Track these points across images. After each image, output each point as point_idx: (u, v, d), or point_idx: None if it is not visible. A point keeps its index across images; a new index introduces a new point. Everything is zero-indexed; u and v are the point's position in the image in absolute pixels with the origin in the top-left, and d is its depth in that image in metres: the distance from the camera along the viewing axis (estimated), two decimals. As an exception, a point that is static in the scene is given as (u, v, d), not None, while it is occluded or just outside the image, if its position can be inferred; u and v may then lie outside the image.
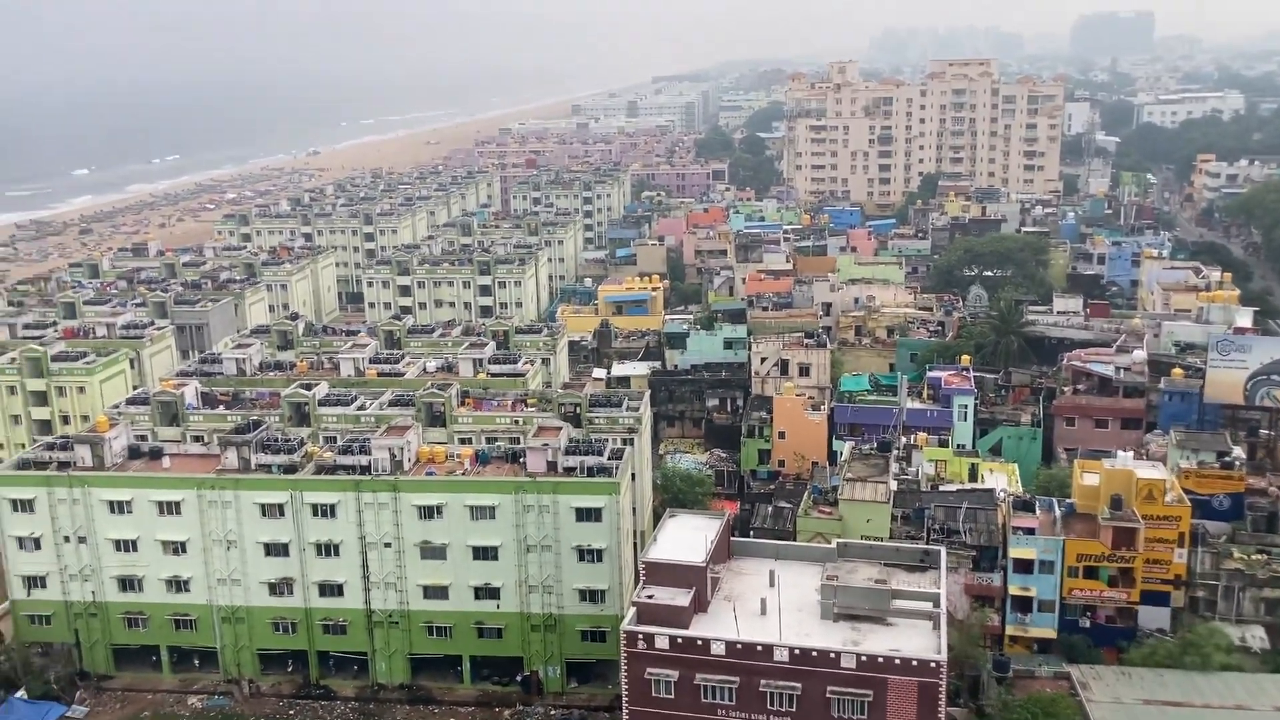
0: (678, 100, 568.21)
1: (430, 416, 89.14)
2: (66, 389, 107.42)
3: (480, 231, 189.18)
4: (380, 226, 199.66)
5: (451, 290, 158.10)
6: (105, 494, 79.19)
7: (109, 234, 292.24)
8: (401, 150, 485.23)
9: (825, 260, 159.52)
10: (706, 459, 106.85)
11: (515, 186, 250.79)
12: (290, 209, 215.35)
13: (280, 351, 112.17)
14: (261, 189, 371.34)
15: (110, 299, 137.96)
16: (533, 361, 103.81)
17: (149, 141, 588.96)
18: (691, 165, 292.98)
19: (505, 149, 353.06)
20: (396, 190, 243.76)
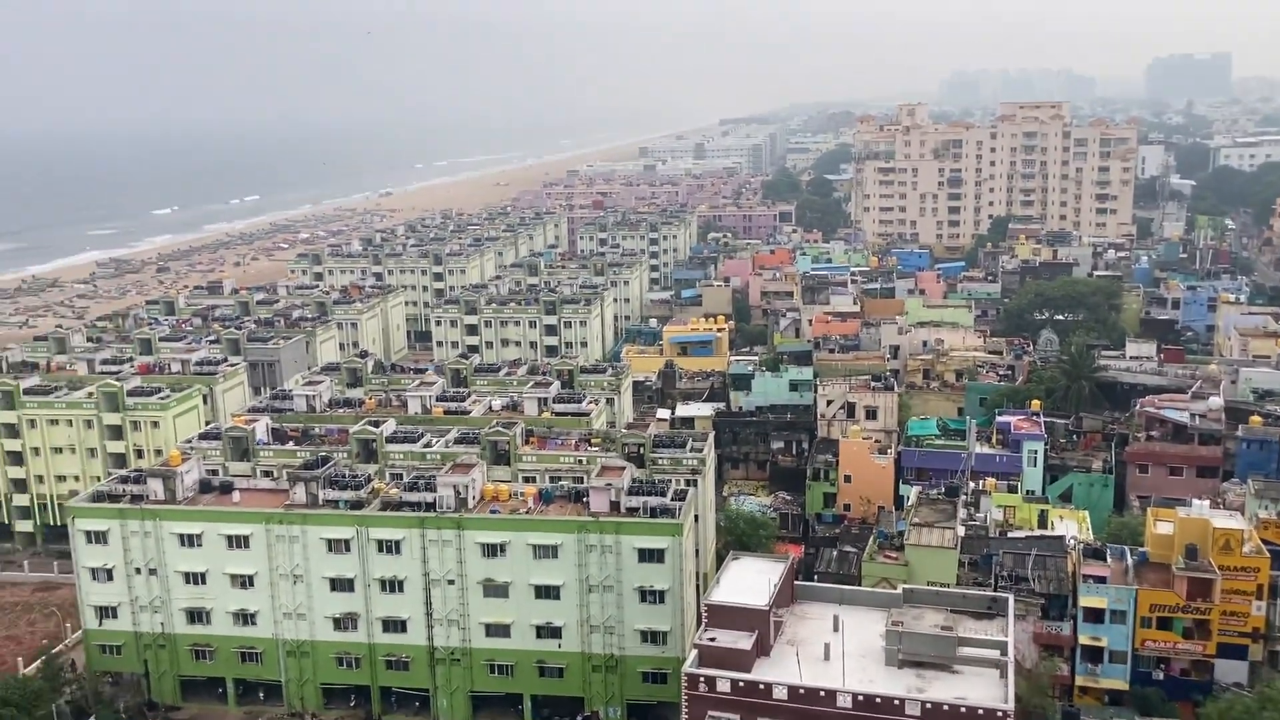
0: (745, 142, 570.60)
1: (495, 454, 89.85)
2: (141, 423, 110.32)
3: (547, 272, 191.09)
4: (449, 266, 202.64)
5: (518, 329, 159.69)
6: (176, 527, 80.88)
7: (185, 272, 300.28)
8: (471, 192, 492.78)
9: (893, 303, 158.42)
10: (771, 502, 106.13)
11: (582, 227, 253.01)
12: (362, 249, 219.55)
13: (349, 389, 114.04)
14: (334, 229, 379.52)
15: (185, 335, 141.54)
16: (597, 401, 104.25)
17: (230, 183, 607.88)
18: (758, 207, 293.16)
19: (573, 190, 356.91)
20: (465, 231, 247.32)
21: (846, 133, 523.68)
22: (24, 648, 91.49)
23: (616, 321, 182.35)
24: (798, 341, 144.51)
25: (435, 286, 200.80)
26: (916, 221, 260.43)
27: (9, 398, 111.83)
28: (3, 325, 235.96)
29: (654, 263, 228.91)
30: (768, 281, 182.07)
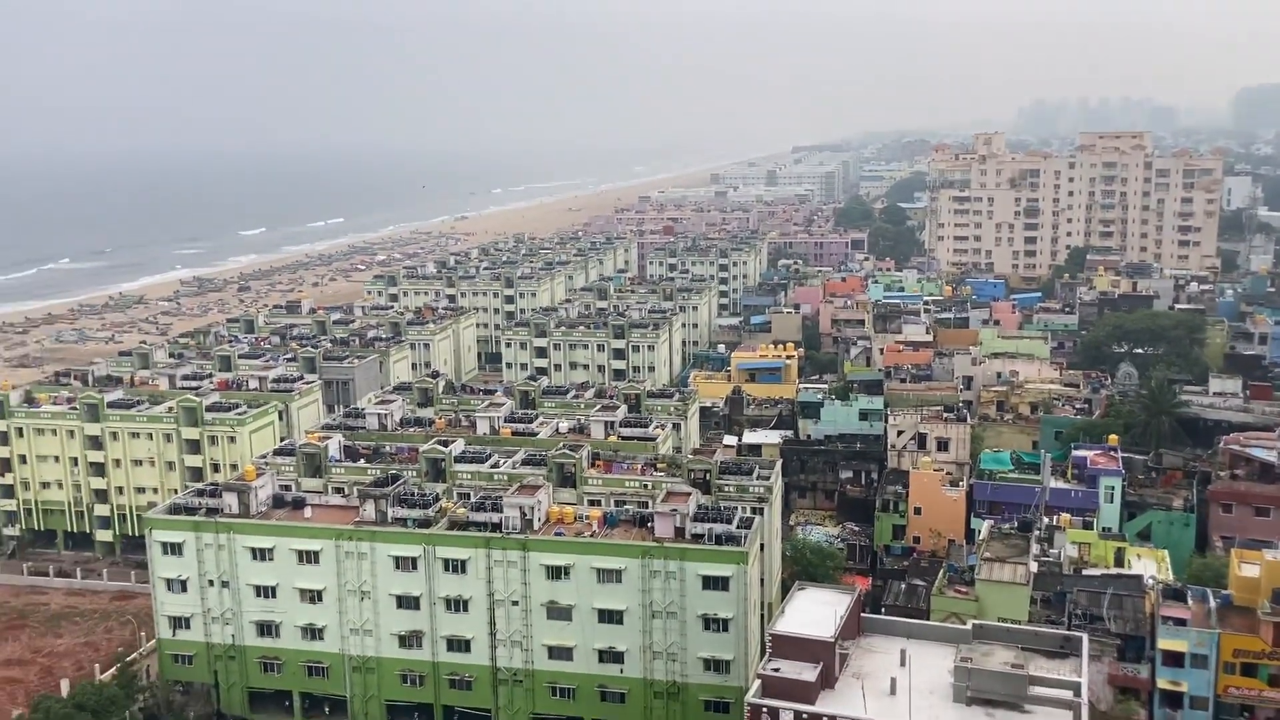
0: (817, 170, 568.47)
1: (561, 477, 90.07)
2: (219, 438, 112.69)
3: (616, 296, 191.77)
4: (520, 289, 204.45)
5: (586, 353, 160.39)
6: (249, 540, 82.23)
7: (265, 291, 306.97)
8: (544, 216, 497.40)
9: (967, 333, 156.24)
10: (838, 532, 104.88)
11: (652, 253, 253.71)
12: (436, 271, 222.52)
13: (420, 408, 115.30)
14: (410, 251, 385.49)
15: (264, 353, 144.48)
16: (664, 426, 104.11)
17: (317, 204, 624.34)
18: (830, 234, 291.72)
19: (644, 216, 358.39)
20: (537, 255, 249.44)
21: (921, 161, 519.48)
22: (101, 654, 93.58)
23: (685, 347, 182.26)
24: (868, 370, 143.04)
25: (506, 309, 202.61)
26: (992, 251, 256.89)
27: (94, 410, 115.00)
28: (90, 340, 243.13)
29: (723, 289, 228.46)
30: (839, 309, 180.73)
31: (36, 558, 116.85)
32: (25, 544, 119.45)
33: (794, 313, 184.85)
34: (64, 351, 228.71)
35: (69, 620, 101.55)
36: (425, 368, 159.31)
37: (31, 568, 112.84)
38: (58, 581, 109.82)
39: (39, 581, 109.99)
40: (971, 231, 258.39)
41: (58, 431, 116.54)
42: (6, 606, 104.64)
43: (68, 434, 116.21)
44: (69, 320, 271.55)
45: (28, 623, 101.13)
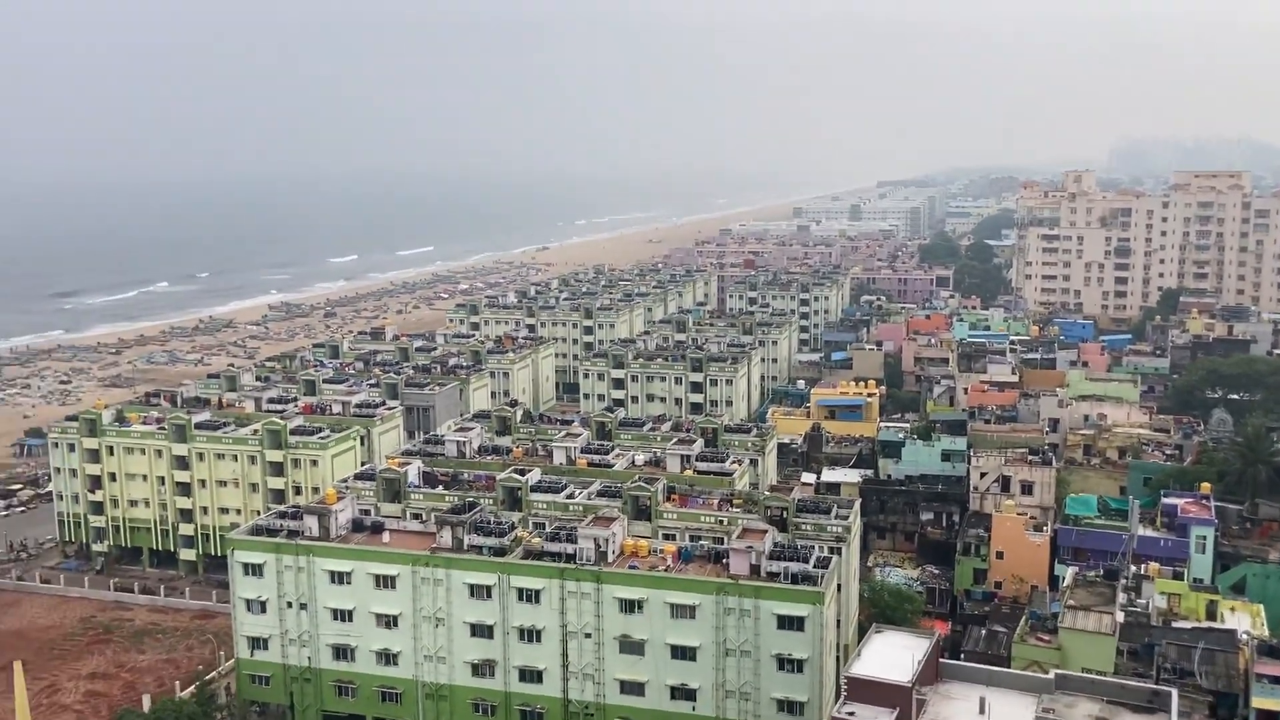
0: (903, 205, 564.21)
1: (636, 509, 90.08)
2: (301, 461, 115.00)
3: (695, 329, 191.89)
4: (599, 320, 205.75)
5: (663, 385, 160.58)
6: (328, 564, 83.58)
7: (351, 318, 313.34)
8: (624, 247, 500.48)
9: (1054, 374, 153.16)
10: (918, 575, 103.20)
11: (732, 286, 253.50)
12: (517, 301, 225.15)
13: (499, 436, 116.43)
14: (492, 281, 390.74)
15: (347, 378, 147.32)
16: (741, 461, 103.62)
17: (406, 232, 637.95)
18: (914, 271, 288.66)
19: (724, 249, 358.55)
20: (617, 286, 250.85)
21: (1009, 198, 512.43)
22: (181, 671, 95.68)
23: (763, 382, 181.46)
24: (952, 410, 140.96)
25: (585, 340, 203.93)
26: (1081, 291, 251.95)
27: (181, 431, 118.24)
28: (180, 362, 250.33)
29: (804, 324, 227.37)
30: (922, 347, 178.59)
31: (123, 574, 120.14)
32: (113, 560, 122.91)
33: (876, 350, 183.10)
34: (155, 372, 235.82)
35: (152, 636, 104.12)
36: (504, 396, 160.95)
37: (118, 583, 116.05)
38: (142, 598, 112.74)
39: (124, 597, 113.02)
40: (1060, 271, 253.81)
41: (146, 451, 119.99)
42: (93, 621, 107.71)
43: (156, 453, 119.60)
44: (160, 342, 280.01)
45: (113, 637, 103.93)
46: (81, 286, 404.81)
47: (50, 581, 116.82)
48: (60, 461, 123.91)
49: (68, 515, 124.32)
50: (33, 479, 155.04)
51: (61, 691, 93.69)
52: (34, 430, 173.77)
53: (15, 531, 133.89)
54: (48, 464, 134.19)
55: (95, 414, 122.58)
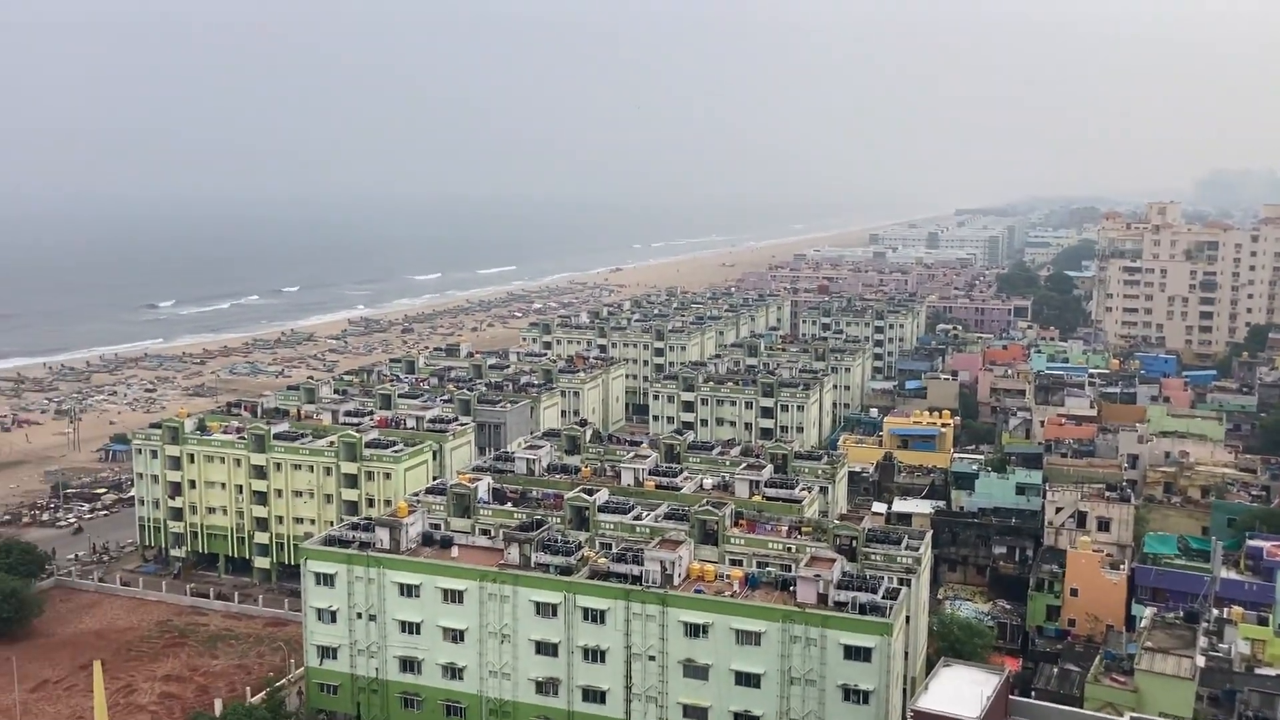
0: (981, 234, 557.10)
1: (703, 533, 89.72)
2: (375, 474, 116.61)
3: (766, 354, 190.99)
4: (670, 342, 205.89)
5: (734, 409, 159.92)
6: (397, 576, 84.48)
7: (427, 334, 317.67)
8: (697, 270, 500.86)
9: (1134, 409, 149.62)
10: (989, 609, 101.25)
11: (805, 311, 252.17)
12: (589, 321, 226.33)
13: (568, 455, 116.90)
14: (565, 300, 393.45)
15: (422, 394, 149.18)
16: (810, 488, 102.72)
17: (489, 252, 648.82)
18: (992, 300, 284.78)
19: (798, 274, 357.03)
20: (689, 309, 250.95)
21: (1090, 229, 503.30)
22: (252, 677, 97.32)
23: (835, 409, 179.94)
24: (1027, 443, 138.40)
25: (656, 361, 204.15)
26: (1163, 325, 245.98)
27: (260, 441, 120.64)
28: (261, 373, 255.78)
29: (878, 351, 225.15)
30: (998, 378, 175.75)
31: (199, 579, 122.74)
32: (190, 565, 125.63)
33: (951, 379, 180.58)
34: (237, 383, 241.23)
35: (225, 642, 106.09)
36: (574, 416, 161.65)
37: (194, 589, 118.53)
38: (217, 604, 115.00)
39: (200, 602, 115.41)
40: (1142, 304, 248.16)
41: (225, 459, 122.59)
42: (169, 624, 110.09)
43: (235, 462, 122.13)
44: (243, 354, 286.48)
45: (188, 641, 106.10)
46: (180, 297, 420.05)
47: (130, 584, 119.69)
48: (143, 467, 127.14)
49: (148, 520, 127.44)
50: (116, 483, 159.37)
51: (137, 692, 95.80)
52: (119, 436, 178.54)
53: (98, 534, 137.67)
54: (131, 469, 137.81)
55: (178, 422, 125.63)
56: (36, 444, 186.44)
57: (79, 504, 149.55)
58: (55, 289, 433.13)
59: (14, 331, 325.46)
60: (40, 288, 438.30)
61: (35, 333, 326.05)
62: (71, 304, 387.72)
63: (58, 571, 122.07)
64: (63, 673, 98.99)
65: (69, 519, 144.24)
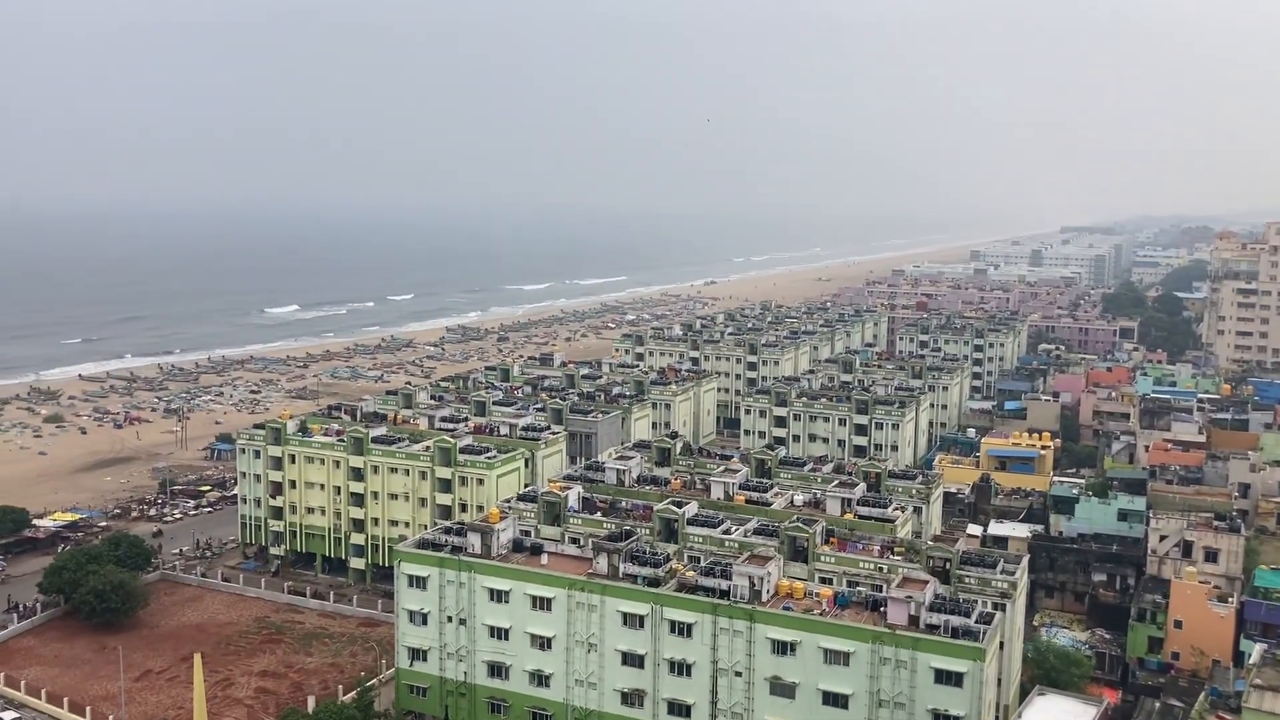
0: (1087, 252, 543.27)
1: (793, 550, 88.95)
2: (468, 479, 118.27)
3: (862, 370, 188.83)
4: (763, 356, 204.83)
5: (827, 426, 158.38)
6: (488, 581, 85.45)
7: (522, 343, 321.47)
8: (792, 284, 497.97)
9: (1246, 436, 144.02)
10: (1086, 638, 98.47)
11: (903, 328, 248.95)
12: (682, 333, 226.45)
13: (658, 467, 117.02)
14: (659, 312, 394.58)
15: (516, 402, 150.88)
16: (904, 508, 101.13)
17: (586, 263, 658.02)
18: (1097, 321, 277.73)
19: (896, 290, 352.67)
20: (783, 323, 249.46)
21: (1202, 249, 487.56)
22: (344, 676, 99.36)
23: (932, 428, 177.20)
24: (1131, 468, 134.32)
25: (748, 375, 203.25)
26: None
27: (359, 444, 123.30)
28: (361, 377, 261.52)
29: (977, 370, 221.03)
30: (1102, 400, 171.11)
31: (296, 578, 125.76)
32: (288, 563, 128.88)
33: (1052, 400, 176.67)
34: (338, 386, 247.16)
35: (319, 640, 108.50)
36: (665, 428, 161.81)
37: (291, 587, 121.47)
38: (313, 602, 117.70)
39: (297, 600, 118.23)
40: (1257, 327, 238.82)
41: (325, 461, 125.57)
42: (267, 621, 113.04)
43: (334, 464, 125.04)
44: (344, 358, 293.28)
45: (284, 639, 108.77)
46: (300, 301, 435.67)
47: (230, 580, 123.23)
48: (246, 466, 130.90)
49: (249, 518, 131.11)
50: (220, 482, 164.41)
51: (235, 686, 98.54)
52: (224, 436, 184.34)
53: (202, 530, 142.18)
54: (235, 468, 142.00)
55: (280, 423, 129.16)
56: (146, 441, 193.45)
57: (184, 500, 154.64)
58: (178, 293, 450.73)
59: (136, 334, 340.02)
60: (165, 291, 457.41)
61: (154, 334, 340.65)
62: (189, 307, 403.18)
63: (163, 565, 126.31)
64: (165, 663, 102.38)
65: (174, 514, 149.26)
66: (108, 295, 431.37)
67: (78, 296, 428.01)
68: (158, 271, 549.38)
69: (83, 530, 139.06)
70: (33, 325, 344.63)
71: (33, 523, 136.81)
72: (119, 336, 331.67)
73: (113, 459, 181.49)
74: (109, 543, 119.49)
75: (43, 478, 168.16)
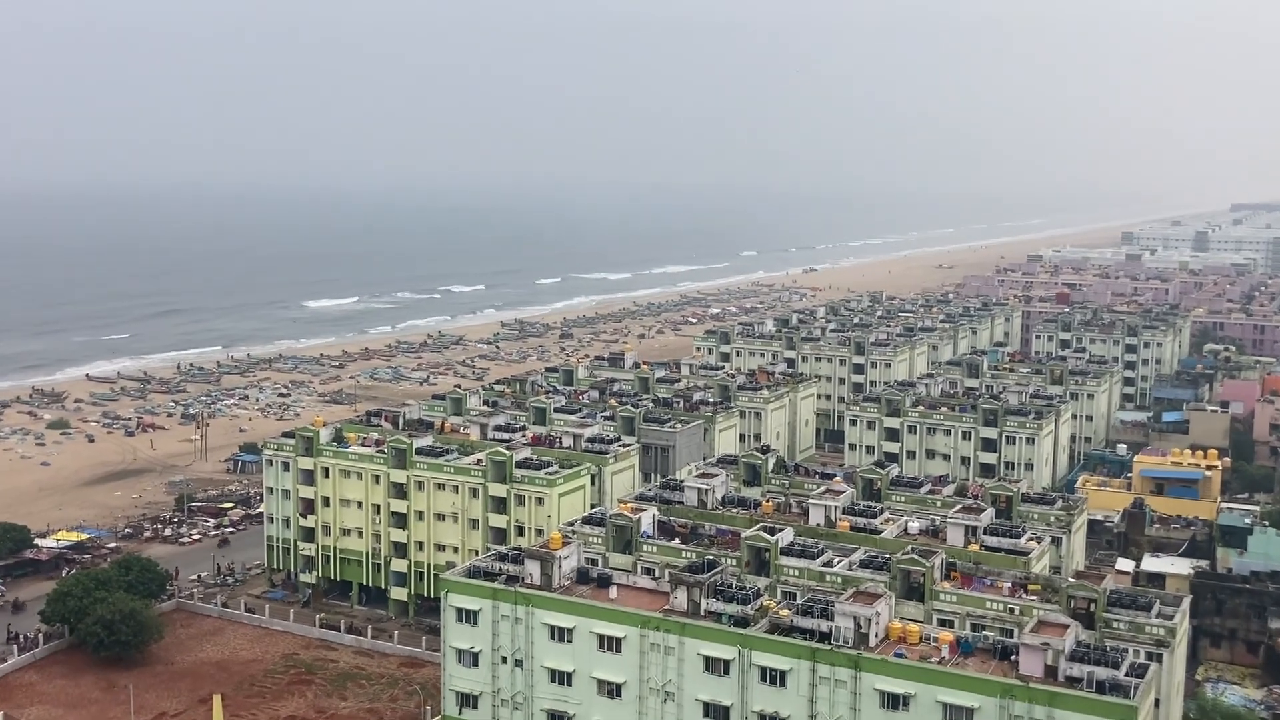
0: (1263, 234, 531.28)
1: (906, 587, 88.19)
2: (526, 498, 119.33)
3: (990, 374, 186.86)
4: (872, 358, 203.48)
5: (947, 440, 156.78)
6: (548, 617, 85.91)
7: (588, 340, 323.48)
8: (908, 272, 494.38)
9: None
10: (1261, 696, 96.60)
11: (1040, 324, 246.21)
12: (775, 330, 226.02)
13: (745, 487, 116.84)
14: (748, 305, 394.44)
15: (581, 409, 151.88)
16: (1040, 538, 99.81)
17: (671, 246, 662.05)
18: (1275, 316, 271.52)
19: (1032, 279, 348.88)
20: (896, 318, 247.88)
21: None
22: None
23: (1074, 443, 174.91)
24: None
25: (854, 380, 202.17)
26: None
27: (401, 456, 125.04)
28: (404, 380, 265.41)
29: (1129, 375, 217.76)
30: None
31: (329, 609, 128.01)
32: (320, 592, 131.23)
33: (1220, 412, 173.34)
34: (377, 389, 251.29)
35: (355, 681, 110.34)
36: (754, 441, 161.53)
37: (323, 619, 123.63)
38: (347, 638, 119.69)
39: (330, 635, 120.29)
40: None
41: (363, 475, 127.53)
42: (296, 659, 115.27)
43: (373, 479, 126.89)
44: (385, 357, 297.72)
45: (315, 679, 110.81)
46: (361, 293, 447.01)
47: (255, 611, 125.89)
48: (273, 481, 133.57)
49: (277, 540, 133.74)
50: (244, 498, 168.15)
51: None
52: (249, 445, 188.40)
53: (224, 554, 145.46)
54: (260, 482, 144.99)
55: (313, 431, 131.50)
56: (161, 451, 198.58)
57: (203, 519, 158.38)
58: (211, 283, 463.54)
59: (158, 330, 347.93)
60: (198, 281, 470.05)
61: (178, 330, 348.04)
62: (223, 300, 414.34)
63: (179, 593, 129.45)
64: (181, 705, 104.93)
65: (192, 535, 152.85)
66: (134, 287, 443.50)
67: (106, 286, 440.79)
68: (195, 257, 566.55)
69: (90, 552, 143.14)
70: (47, 321, 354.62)
71: (34, 543, 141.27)
72: (140, 335, 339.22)
73: (123, 471, 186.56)
74: (119, 566, 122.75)
75: (45, 491, 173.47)
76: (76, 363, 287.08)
